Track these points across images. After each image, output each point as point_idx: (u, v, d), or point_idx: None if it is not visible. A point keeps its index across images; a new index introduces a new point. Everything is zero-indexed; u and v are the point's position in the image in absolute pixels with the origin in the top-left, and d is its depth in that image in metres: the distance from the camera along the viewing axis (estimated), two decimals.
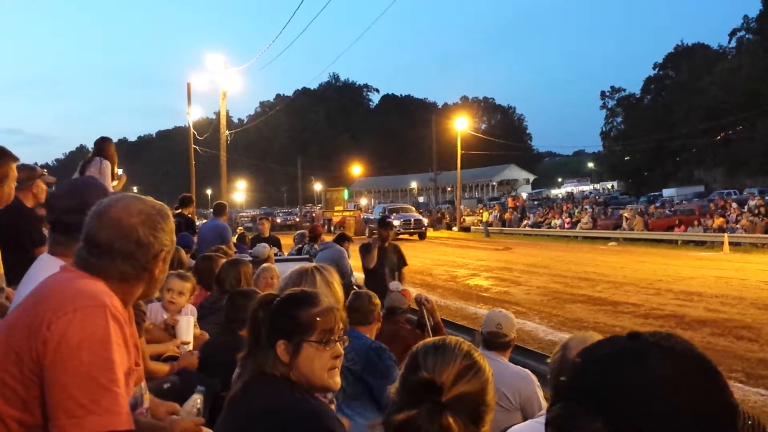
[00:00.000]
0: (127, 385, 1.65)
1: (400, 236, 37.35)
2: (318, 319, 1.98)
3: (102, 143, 7.16)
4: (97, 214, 1.77)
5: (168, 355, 3.92)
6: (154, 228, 1.78)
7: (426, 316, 5.07)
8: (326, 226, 35.93)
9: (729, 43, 71.11)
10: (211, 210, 10.92)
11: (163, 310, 4.27)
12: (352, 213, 48.85)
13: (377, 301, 4.03)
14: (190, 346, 4.02)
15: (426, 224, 40.34)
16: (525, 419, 3.47)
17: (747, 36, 67.01)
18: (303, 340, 1.94)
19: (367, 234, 41.55)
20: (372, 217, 43.26)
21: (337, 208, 50.38)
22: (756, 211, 27.95)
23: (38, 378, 1.56)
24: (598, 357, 0.92)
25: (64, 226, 2.35)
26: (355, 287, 7.84)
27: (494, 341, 3.95)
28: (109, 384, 1.55)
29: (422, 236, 38.19)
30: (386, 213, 40.34)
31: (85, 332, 1.57)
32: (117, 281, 1.74)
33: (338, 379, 2.02)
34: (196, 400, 2.97)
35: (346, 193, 54.96)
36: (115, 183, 7.42)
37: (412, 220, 38.90)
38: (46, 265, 2.19)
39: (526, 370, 3.92)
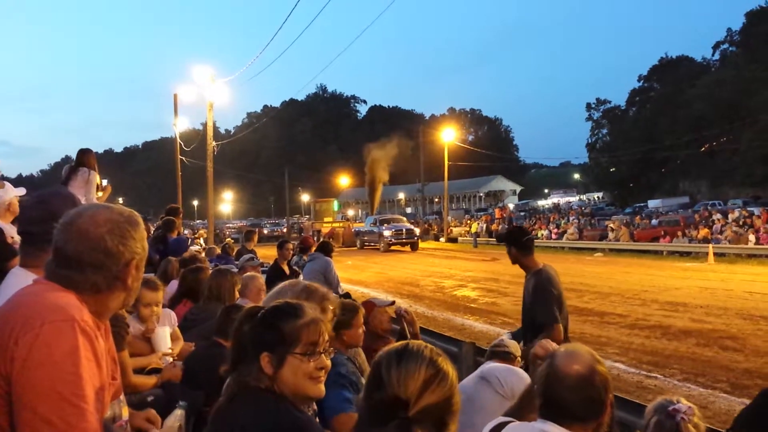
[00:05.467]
0: (101, 400, 1.63)
1: (392, 247, 36.79)
2: (302, 331, 1.96)
3: (83, 155, 7.17)
4: (64, 226, 1.74)
5: (151, 368, 3.89)
6: (123, 236, 1.75)
7: (406, 327, 5.06)
8: (315, 238, 34.26)
9: (713, 55, 72.22)
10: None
11: (137, 321, 4.21)
12: (341, 224, 47.98)
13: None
14: (169, 359, 3.98)
15: (418, 234, 39.47)
16: None
17: (730, 49, 67.95)
18: (287, 352, 1.92)
19: (358, 246, 40.59)
20: (363, 229, 42.18)
21: (326, 219, 49.49)
22: (740, 222, 28.18)
23: (6, 393, 1.53)
24: None
25: (31, 236, 2.33)
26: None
27: (496, 352, 4.03)
28: (77, 400, 1.52)
29: (414, 247, 37.36)
30: (377, 224, 39.60)
31: (53, 347, 1.54)
32: (89, 293, 1.71)
33: (322, 387, 1.99)
34: (178, 415, 2.94)
35: (335, 204, 54.16)
36: (100, 194, 7.39)
37: (404, 230, 37.95)
38: (18, 279, 2.16)
39: (524, 372, 3.93)
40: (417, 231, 39.70)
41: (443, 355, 1.76)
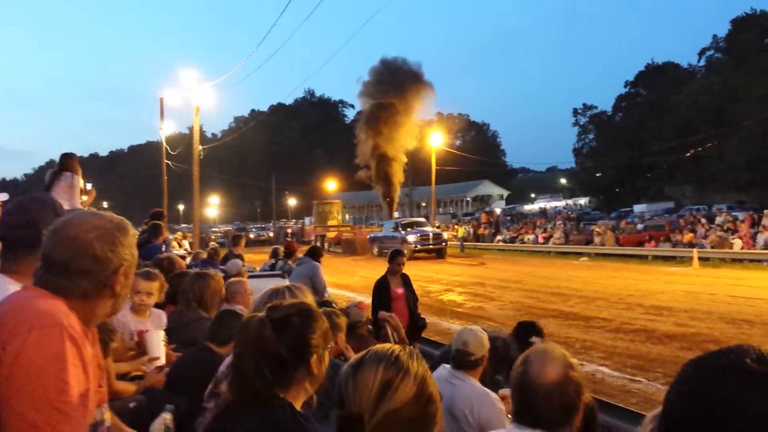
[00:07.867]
0: (86, 406, 1.63)
1: (417, 255, 30.38)
2: (328, 328, 2.13)
3: (66, 159, 7.15)
4: (53, 233, 1.75)
5: (135, 374, 3.86)
6: (112, 243, 1.76)
7: (390, 333, 5.08)
8: (320, 244, 27.51)
9: (698, 61, 72.63)
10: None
11: (130, 313, 4.19)
12: (351, 228, 43.41)
13: (339, 320, 4.03)
14: (162, 361, 3.91)
15: (447, 239, 33.65)
16: None
17: (716, 55, 68.37)
18: (326, 349, 2.08)
19: (375, 253, 33.92)
20: (381, 235, 35.82)
21: (331, 223, 44.16)
22: (725, 227, 28.38)
23: None
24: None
25: (10, 242, 2.32)
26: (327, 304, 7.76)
27: (462, 360, 3.93)
28: (63, 406, 1.54)
29: (441, 254, 31.25)
30: (399, 228, 33.66)
31: (40, 353, 1.55)
32: (78, 299, 1.72)
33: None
34: (165, 419, 2.90)
35: (340, 207, 48.65)
36: (84, 198, 7.37)
37: (431, 234, 31.85)
38: None
39: (487, 390, 3.91)
40: (445, 236, 34.23)
41: (411, 354, 1.59)
